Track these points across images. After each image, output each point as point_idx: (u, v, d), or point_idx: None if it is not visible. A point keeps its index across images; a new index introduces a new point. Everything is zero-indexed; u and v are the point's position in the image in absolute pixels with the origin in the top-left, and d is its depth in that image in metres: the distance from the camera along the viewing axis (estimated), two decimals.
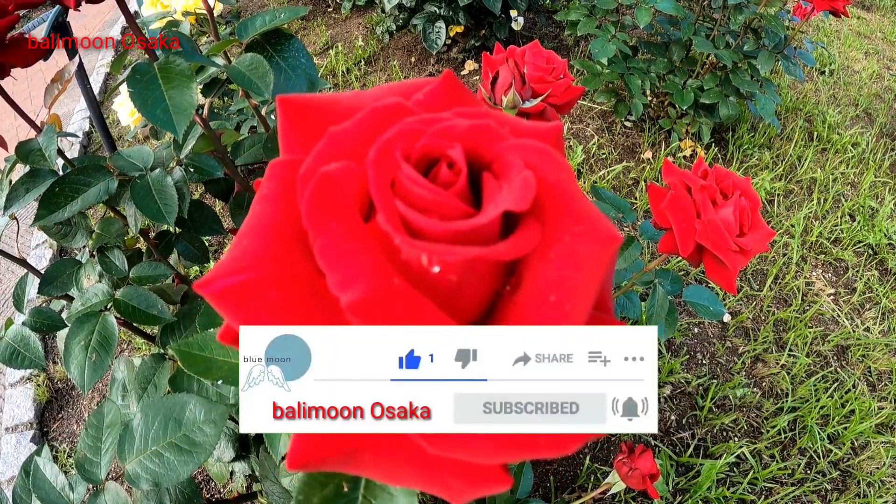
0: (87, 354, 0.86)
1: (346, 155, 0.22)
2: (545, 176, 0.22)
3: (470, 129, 0.23)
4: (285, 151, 0.24)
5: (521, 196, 0.21)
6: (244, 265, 0.21)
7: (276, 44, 0.85)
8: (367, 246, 0.20)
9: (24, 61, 0.81)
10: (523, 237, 0.21)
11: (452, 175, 0.23)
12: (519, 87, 0.76)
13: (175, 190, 0.83)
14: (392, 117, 0.23)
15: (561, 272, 0.21)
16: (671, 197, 0.79)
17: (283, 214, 0.22)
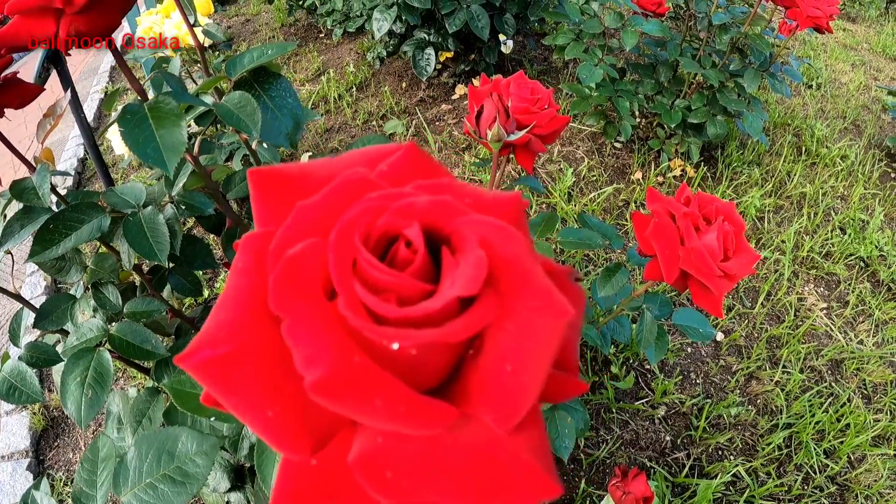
0: (84, 391, 0.86)
1: (312, 230, 0.23)
2: (501, 251, 0.24)
3: (429, 205, 0.24)
4: (259, 223, 0.25)
5: (471, 280, 0.22)
6: (221, 338, 0.22)
7: (264, 82, 0.86)
8: (330, 326, 0.22)
9: (18, 102, 0.83)
10: (478, 314, 0.22)
11: (410, 254, 0.24)
12: (503, 120, 0.77)
13: (167, 227, 0.84)
14: (356, 191, 0.24)
15: (517, 343, 0.23)
16: (654, 225, 0.81)
17: (255, 289, 0.23)
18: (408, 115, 2.97)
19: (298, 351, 0.21)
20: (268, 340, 0.23)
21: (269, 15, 4.36)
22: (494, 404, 0.22)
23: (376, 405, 0.21)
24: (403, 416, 0.21)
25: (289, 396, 0.22)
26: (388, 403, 0.21)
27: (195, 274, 1.05)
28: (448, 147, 2.76)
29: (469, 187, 0.26)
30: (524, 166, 0.88)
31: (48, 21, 0.61)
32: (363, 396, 0.20)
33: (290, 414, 0.22)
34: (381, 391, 0.21)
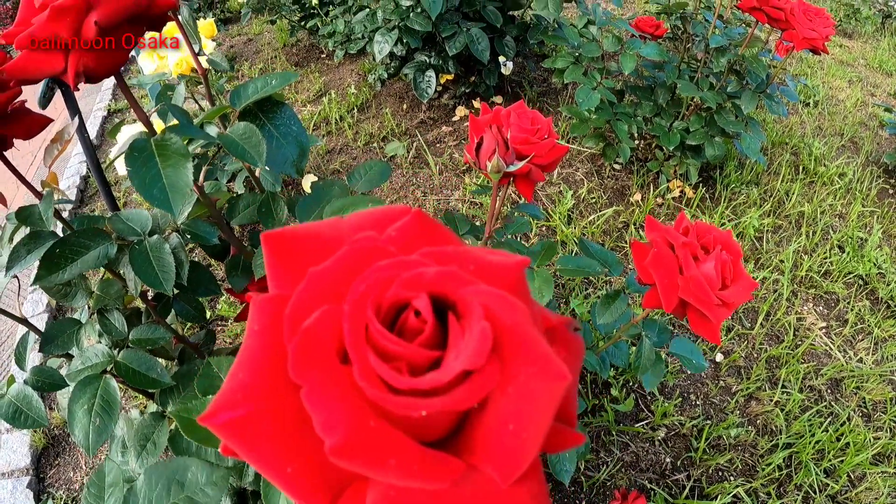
0: (91, 419, 0.88)
1: (325, 296, 0.25)
2: (503, 320, 0.25)
3: (436, 275, 0.26)
4: (272, 284, 0.27)
5: (476, 354, 0.24)
6: (240, 399, 0.24)
7: (269, 111, 0.87)
8: (346, 392, 0.23)
9: (26, 133, 0.84)
10: (482, 383, 0.24)
11: (419, 323, 0.25)
12: (502, 152, 0.79)
13: (172, 257, 0.85)
14: (366, 258, 0.26)
15: (518, 405, 0.24)
16: (654, 255, 0.82)
17: (271, 351, 0.25)
18: (408, 137, 2.99)
19: (317, 416, 0.22)
20: (284, 401, 0.24)
21: (271, 35, 4.38)
22: (498, 460, 0.24)
23: (391, 464, 0.22)
24: (416, 473, 0.22)
25: (306, 453, 0.24)
26: (402, 462, 0.22)
27: (199, 300, 1.07)
28: (448, 169, 2.78)
29: (473, 253, 0.27)
30: (524, 194, 0.89)
31: (57, 56, 0.62)
32: (379, 457, 0.22)
33: (308, 469, 0.23)
34: (395, 451, 0.22)
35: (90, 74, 0.64)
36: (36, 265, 0.86)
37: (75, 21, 0.60)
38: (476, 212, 2.51)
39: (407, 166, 2.81)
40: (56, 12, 0.58)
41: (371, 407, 0.24)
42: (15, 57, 0.66)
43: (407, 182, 2.73)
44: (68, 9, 0.59)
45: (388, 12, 2.52)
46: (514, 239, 1.11)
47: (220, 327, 2.20)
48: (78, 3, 0.59)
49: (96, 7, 0.60)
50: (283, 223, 0.94)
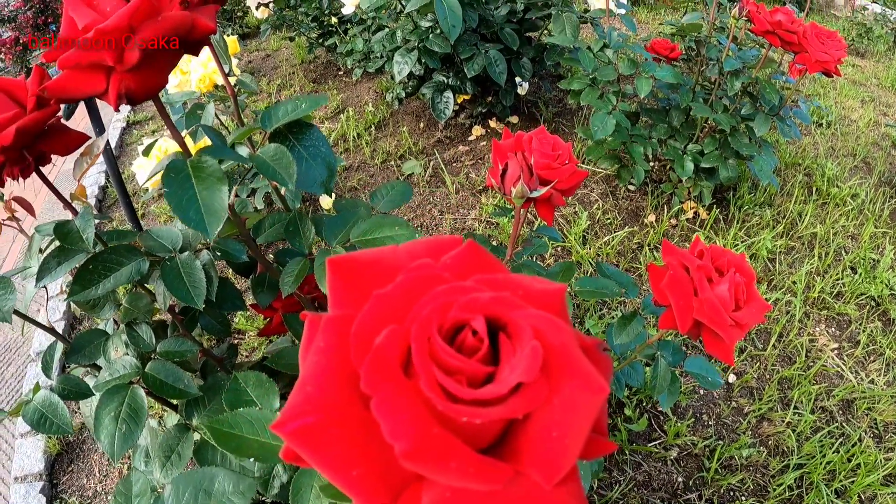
0: (118, 425, 0.89)
1: (388, 316, 0.28)
2: (550, 340, 0.28)
3: (491, 300, 0.29)
4: (334, 305, 0.29)
5: (529, 369, 0.27)
6: (309, 409, 0.26)
7: (298, 132, 0.89)
8: (412, 402, 0.26)
9: (64, 149, 0.85)
10: (533, 395, 0.27)
11: (476, 342, 0.28)
12: (527, 178, 0.81)
13: (203, 273, 0.87)
14: (425, 283, 0.29)
15: (562, 415, 0.27)
16: (669, 277, 0.84)
17: (337, 366, 0.28)
18: (425, 156, 3.02)
19: (386, 424, 0.25)
20: (349, 411, 0.27)
21: (290, 51, 4.44)
22: (543, 464, 0.27)
23: (452, 467, 0.25)
24: (472, 476, 0.25)
25: (369, 458, 0.26)
26: (461, 466, 0.25)
27: (224, 315, 1.09)
28: (465, 189, 2.81)
29: (519, 280, 0.30)
30: (545, 219, 0.91)
31: (99, 77, 0.62)
32: (442, 461, 0.25)
33: (372, 472, 0.26)
34: (455, 456, 0.25)
35: (131, 96, 0.64)
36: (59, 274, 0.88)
37: (118, 44, 0.60)
38: (493, 231, 2.54)
39: (424, 185, 2.84)
40: (100, 34, 0.59)
41: (434, 416, 0.27)
42: (55, 75, 0.68)
43: (424, 201, 2.76)
44: (112, 31, 0.59)
45: (407, 32, 2.56)
46: (532, 260, 1.13)
47: (237, 340, 2.23)
48: (122, 27, 0.59)
49: (139, 31, 0.60)
50: (311, 243, 0.96)
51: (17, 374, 2.62)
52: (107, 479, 1.95)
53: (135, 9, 0.59)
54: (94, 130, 1.89)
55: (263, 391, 0.83)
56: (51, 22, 9.73)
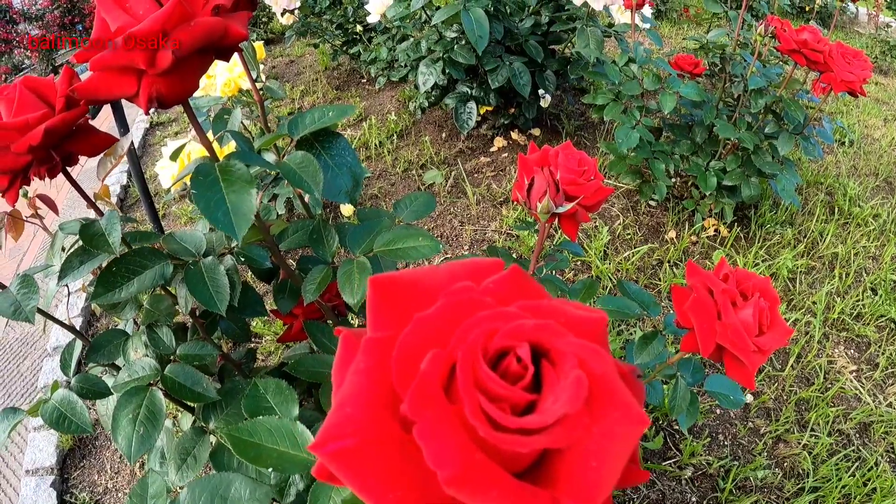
0: (136, 427, 0.89)
1: (430, 340, 0.28)
2: (593, 369, 0.28)
3: (535, 327, 0.29)
4: (376, 325, 0.29)
5: (573, 399, 0.27)
6: (349, 431, 0.26)
7: (324, 141, 0.89)
8: (455, 428, 0.26)
9: (91, 150, 0.86)
10: (575, 425, 0.27)
11: (520, 369, 0.28)
12: (553, 194, 0.81)
13: (227, 278, 0.88)
14: (467, 307, 0.28)
15: (601, 444, 0.27)
16: (693, 300, 0.83)
17: (377, 387, 0.28)
18: (447, 166, 3.02)
19: (429, 450, 0.25)
20: (388, 434, 0.27)
21: (313, 57, 4.46)
22: (581, 494, 0.27)
23: (493, 494, 0.25)
24: (513, 502, 0.25)
25: (408, 482, 0.26)
26: (502, 492, 0.25)
27: (244, 320, 1.09)
28: (486, 200, 2.80)
29: (562, 307, 0.30)
30: (568, 234, 0.91)
31: (130, 80, 0.62)
32: (484, 488, 0.25)
33: (409, 497, 0.26)
34: (497, 483, 0.25)
35: (162, 100, 0.64)
36: None
37: (151, 48, 0.60)
38: (512, 244, 2.54)
39: (445, 195, 2.84)
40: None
41: (476, 442, 0.26)
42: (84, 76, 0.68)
43: (444, 211, 2.76)
44: (145, 35, 0.59)
45: (432, 43, 2.56)
46: (553, 275, 1.13)
47: (254, 344, 2.23)
48: (155, 31, 0.59)
49: (172, 35, 0.61)
50: (334, 252, 0.96)
51: (33, 367, 2.64)
52: (118, 477, 1.96)
53: (168, 14, 0.60)
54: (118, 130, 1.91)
55: (283, 398, 0.83)
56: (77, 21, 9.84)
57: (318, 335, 0.99)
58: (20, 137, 0.77)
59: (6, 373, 2.69)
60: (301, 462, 0.70)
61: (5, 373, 2.70)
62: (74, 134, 0.83)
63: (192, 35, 0.61)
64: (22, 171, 0.82)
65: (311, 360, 0.96)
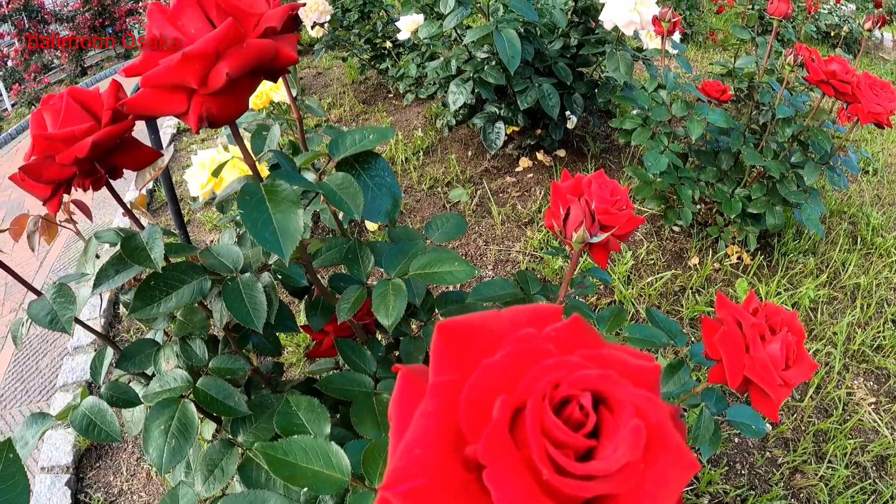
0: (167, 439, 0.90)
1: (498, 385, 0.30)
2: (648, 417, 0.30)
3: (597, 377, 0.31)
4: (441, 369, 0.31)
5: (633, 447, 0.29)
6: (417, 472, 0.28)
7: (364, 161, 0.90)
8: (521, 473, 0.28)
9: (135, 164, 0.87)
10: (633, 471, 0.29)
11: (582, 416, 0.30)
12: (589, 224, 0.83)
13: (264, 295, 0.88)
14: (532, 356, 0.30)
15: (654, 488, 0.29)
16: (723, 333, 0.84)
17: (444, 430, 0.29)
18: (472, 185, 3.04)
19: (498, 492, 0.27)
20: (454, 474, 0.29)
21: (340, 70, 4.49)
22: None
23: None
24: None
25: None
26: None
27: (275, 335, 1.11)
28: (511, 220, 2.82)
29: (620, 356, 0.32)
30: (599, 263, 0.92)
31: (180, 98, 0.63)
32: None
33: None
34: None
35: (213, 120, 0.65)
36: None
37: (204, 68, 0.61)
38: (537, 265, 2.56)
39: (470, 214, 2.86)
40: (186, 58, 0.59)
41: (540, 486, 0.28)
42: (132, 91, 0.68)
43: (469, 230, 2.77)
44: (198, 57, 0.60)
45: (461, 62, 2.59)
46: (581, 301, 1.14)
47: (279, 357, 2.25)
48: (209, 52, 0.60)
49: (225, 57, 0.61)
50: (369, 272, 0.98)
51: (52, 365, 2.66)
52: (133, 479, 1.98)
53: (223, 35, 0.60)
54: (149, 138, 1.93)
55: (314, 416, 0.84)
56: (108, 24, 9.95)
57: (349, 353, 1.01)
58: (66, 149, 0.78)
59: (25, 369, 2.72)
60: (335, 482, 0.71)
61: (24, 369, 2.72)
62: (120, 147, 0.84)
63: (244, 57, 0.62)
64: (66, 182, 0.83)
65: (341, 379, 0.97)
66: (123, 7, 10.21)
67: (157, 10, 0.65)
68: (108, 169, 0.86)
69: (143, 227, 0.92)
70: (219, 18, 0.64)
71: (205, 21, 0.64)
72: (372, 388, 0.97)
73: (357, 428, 0.89)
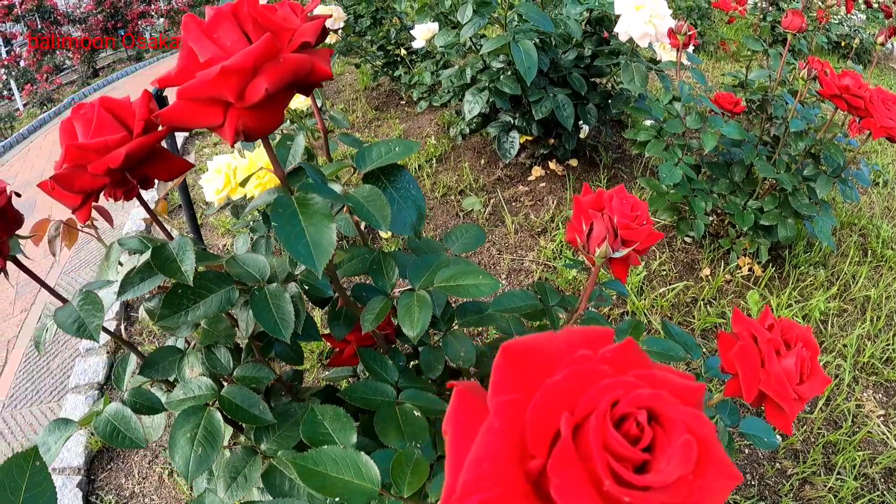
0: (194, 447, 0.90)
1: (560, 403, 0.32)
2: (696, 432, 0.33)
3: (651, 396, 0.33)
4: (503, 388, 0.33)
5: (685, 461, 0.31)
6: (487, 485, 0.30)
7: (390, 174, 0.91)
8: (585, 485, 0.30)
9: (167, 175, 0.86)
10: (685, 483, 0.32)
11: (638, 432, 0.33)
12: (612, 240, 0.84)
13: (292, 306, 0.89)
14: (590, 376, 0.33)
15: (702, 497, 0.32)
16: (739, 348, 0.86)
17: (509, 445, 0.32)
18: (485, 193, 3.06)
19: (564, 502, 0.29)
20: (518, 486, 0.31)
21: (353, 76, 4.52)
22: None
23: None
24: None
25: None
26: None
27: (299, 344, 1.11)
28: (524, 229, 2.84)
29: (669, 377, 0.35)
30: (619, 277, 0.94)
31: (216, 111, 0.63)
32: None
33: None
34: None
35: (248, 133, 0.65)
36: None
37: (241, 82, 0.61)
38: (550, 275, 2.58)
39: (483, 222, 2.88)
40: (224, 72, 0.60)
41: (600, 496, 0.31)
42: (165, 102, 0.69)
43: None
44: (237, 71, 0.60)
45: (476, 71, 2.61)
46: (597, 312, 1.16)
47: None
48: (247, 67, 0.60)
49: (262, 72, 0.61)
50: (394, 283, 0.99)
51: (63, 366, 2.67)
52: (145, 482, 1.99)
53: (261, 50, 0.61)
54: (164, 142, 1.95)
55: (340, 425, 0.85)
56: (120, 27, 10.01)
57: (371, 363, 1.02)
58: (98, 159, 0.77)
59: (36, 369, 2.73)
60: (366, 492, 0.72)
61: (35, 369, 2.73)
62: (151, 157, 0.83)
63: (282, 72, 0.62)
64: (97, 192, 0.83)
65: (364, 388, 0.98)
66: (136, 10, 10.28)
67: (192, 23, 0.65)
68: (139, 179, 0.85)
69: (170, 237, 0.92)
70: (254, 32, 0.64)
71: (240, 34, 0.65)
72: (394, 398, 0.98)
73: (381, 437, 0.90)
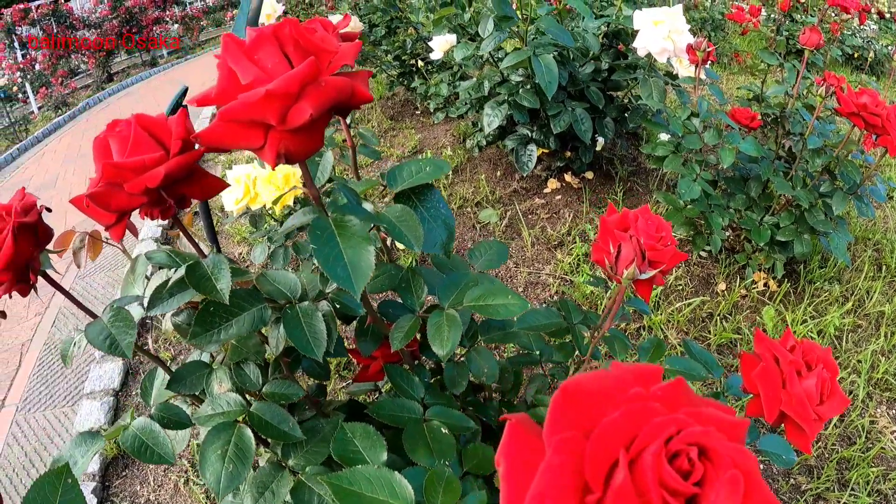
0: (224, 464, 0.90)
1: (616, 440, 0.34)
2: (741, 467, 0.35)
3: (701, 433, 0.36)
4: (560, 425, 0.35)
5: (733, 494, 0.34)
6: None
7: (420, 193, 0.93)
8: None
9: (203, 194, 0.85)
10: None
11: (689, 467, 0.35)
12: (639, 262, 0.86)
13: (324, 325, 0.90)
14: (644, 414, 0.35)
15: None
16: (761, 369, 0.88)
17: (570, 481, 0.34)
18: (502, 205, 3.07)
19: None
20: None
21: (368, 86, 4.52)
22: None
23: None
24: None
25: None
26: None
27: (327, 360, 1.12)
28: (540, 242, 2.85)
29: (716, 415, 0.37)
30: (643, 296, 0.95)
31: (257, 133, 0.63)
32: None
33: None
34: None
35: (290, 156, 0.65)
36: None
37: (284, 106, 0.61)
38: (566, 289, 2.59)
39: (500, 235, 2.90)
40: (269, 95, 0.60)
41: None
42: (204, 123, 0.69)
43: None
44: (281, 95, 0.60)
45: (495, 84, 2.63)
46: (619, 330, 1.17)
47: None
48: (292, 91, 0.61)
49: (305, 96, 0.61)
50: (422, 302, 1.01)
51: (78, 371, 2.67)
52: (161, 490, 1.99)
53: (305, 74, 0.61)
54: None
55: (370, 443, 0.86)
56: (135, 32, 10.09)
57: (398, 380, 1.03)
58: (135, 178, 0.77)
59: (51, 372, 2.73)
60: None
61: (49, 372, 2.74)
62: (188, 177, 0.82)
63: (325, 95, 0.62)
64: (132, 211, 0.82)
65: (391, 405, 0.99)
66: (150, 16, 10.37)
67: (232, 43, 0.65)
68: (176, 198, 0.84)
69: (201, 252, 0.92)
70: (296, 55, 0.65)
71: (281, 57, 0.65)
72: (421, 415, 0.99)
73: (411, 455, 0.91)
